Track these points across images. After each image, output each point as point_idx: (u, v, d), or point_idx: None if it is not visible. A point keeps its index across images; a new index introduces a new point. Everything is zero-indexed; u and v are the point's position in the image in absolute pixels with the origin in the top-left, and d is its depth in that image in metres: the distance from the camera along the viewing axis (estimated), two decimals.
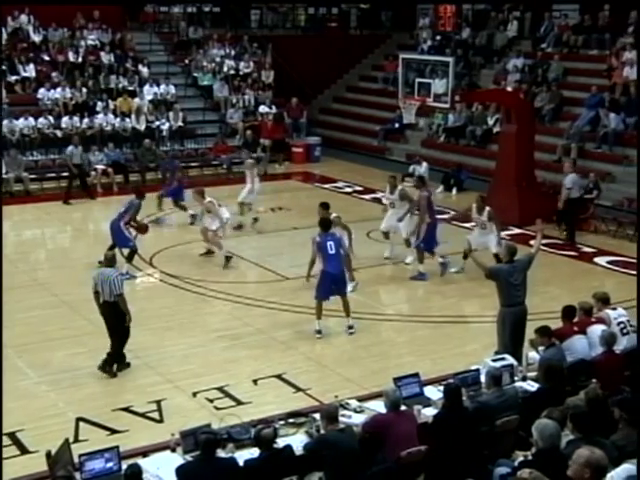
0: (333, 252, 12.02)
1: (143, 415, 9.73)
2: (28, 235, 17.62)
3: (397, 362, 11.12)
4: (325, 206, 13.86)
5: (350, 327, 12.26)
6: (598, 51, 23.91)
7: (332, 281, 12.01)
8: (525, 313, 10.48)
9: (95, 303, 10.84)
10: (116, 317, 10.65)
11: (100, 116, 23.49)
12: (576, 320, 9.87)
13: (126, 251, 14.60)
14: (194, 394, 10.24)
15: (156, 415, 9.74)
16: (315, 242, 12.13)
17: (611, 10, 24.20)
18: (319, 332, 12.13)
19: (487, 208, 14.57)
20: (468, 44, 27.19)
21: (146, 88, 24.94)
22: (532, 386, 8.72)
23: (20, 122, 22.33)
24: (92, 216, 19.39)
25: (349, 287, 13.24)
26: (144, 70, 25.63)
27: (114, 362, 10.80)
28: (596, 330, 9.47)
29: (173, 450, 7.50)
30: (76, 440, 8.86)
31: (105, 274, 10.60)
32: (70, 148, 21.16)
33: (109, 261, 10.99)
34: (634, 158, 19.83)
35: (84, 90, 24.01)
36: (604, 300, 10.18)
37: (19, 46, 24.41)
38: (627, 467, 6.14)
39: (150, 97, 24.82)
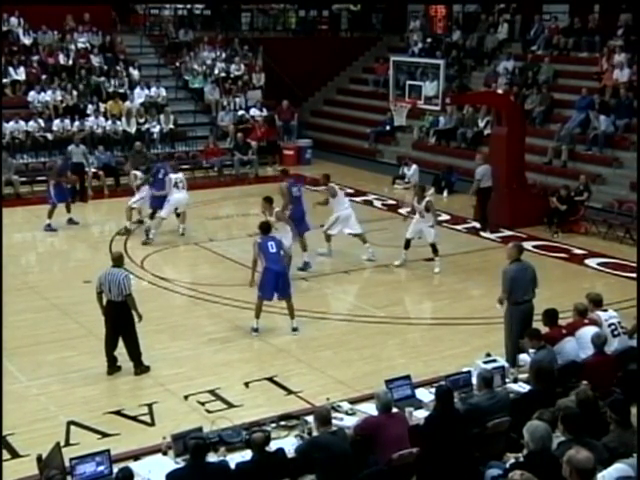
0: (274, 250, 12.16)
1: (134, 418, 9.70)
2: (18, 238, 17.53)
3: (388, 364, 11.12)
4: (269, 200, 14.17)
5: (294, 329, 12.33)
6: (588, 53, 24.00)
7: (275, 278, 12.10)
8: (532, 310, 10.61)
9: (98, 304, 10.85)
10: (123, 317, 10.69)
11: (91, 119, 23.42)
12: (570, 321, 9.93)
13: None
14: (185, 397, 10.22)
15: (147, 418, 9.71)
16: (256, 244, 12.25)
17: (601, 12, 24.29)
18: (256, 330, 12.19)
19: (427, 198, 15.09)
20: (459, 46, 27.25)
21: (137, 91, 24.90)
22: (523, 388, 8.74)
23: (10, 125, 22.27)
24: (82, 219, 19.30)
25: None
26: (135, 73, 25.59)
27: (139, 359, 10.84)
28: (586, 332, 9.51)
29: (165, 453, 7.49)
30: (67, 444, 8.84)
31: (113, 274, 10.63)
32: (71, 147, 21.11)
33: (117, 261, 10.98)
34: (624, 160, 19.93)
35: (75, 93, 23.97)
36: (596, 302, 10.20)
37: (9, 49, 24.33)
38: (619, 467, 6.16)
39: (141, 100, 24.78)
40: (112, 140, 23.43)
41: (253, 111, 25.93)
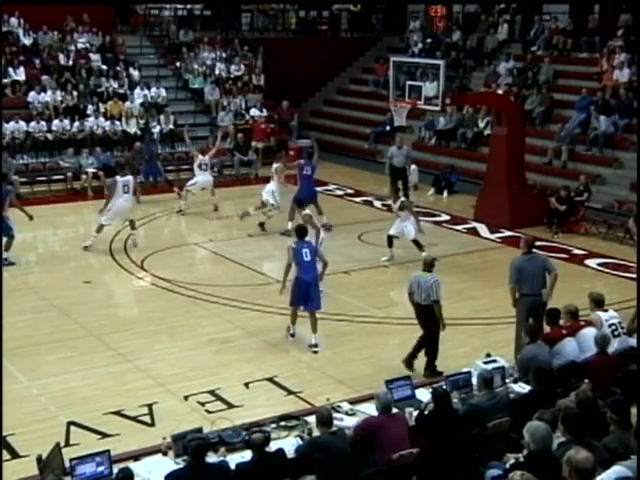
0: (308, 259, 11.83)
1: (134, 419, 9.69)
2: (18, 238, 17.50)
3: (389, 365, 11.11)
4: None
5: (314, 345, 11.76)
6: (588, 54, 24.02)
7: (306, 288, 11.76)
8: (540, 303, 10.67)
9: (410, 304, 11.01)
10: (426, 320, 10.76)
11: (91, 119, 23.43)
12: (565, 323, 9.93)
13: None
14: (185, 397, 10.21)
15: (147, 419, 9.71)
16: (291, 249, 11.91)
17: (601, 13, 24.29)
18: (292, 335, 12.06)
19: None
20: (459, 47, 27.25)
21: (137, 91, 24.90)
22: (523, 388, 8.74)
23: (10, 125, 22.26)
24: (82, 219, 19.32)
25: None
26: (135, 73, 25.59)
27: (433, 364, 10.82)
28: (587, 333, 9.51)
29: (165, 454, 7.48)
30: (67, 444, 8.83)
31: (423, 278, 10.66)
32: None
33: (428, 265, 10.92)
34: (624, 160, 19.93)
35: (75, 93, 23.97)
36: (598, 302, 10.19)
37: (9, 49, 24.32)
38: (617, 469, 6.14)
39: (141, 100, 24.79)
40: (112, 140, 23.44)
41: (253, 111, 25.93)
